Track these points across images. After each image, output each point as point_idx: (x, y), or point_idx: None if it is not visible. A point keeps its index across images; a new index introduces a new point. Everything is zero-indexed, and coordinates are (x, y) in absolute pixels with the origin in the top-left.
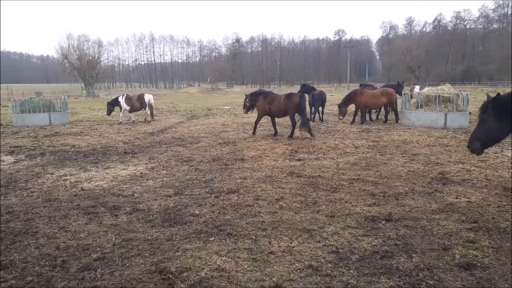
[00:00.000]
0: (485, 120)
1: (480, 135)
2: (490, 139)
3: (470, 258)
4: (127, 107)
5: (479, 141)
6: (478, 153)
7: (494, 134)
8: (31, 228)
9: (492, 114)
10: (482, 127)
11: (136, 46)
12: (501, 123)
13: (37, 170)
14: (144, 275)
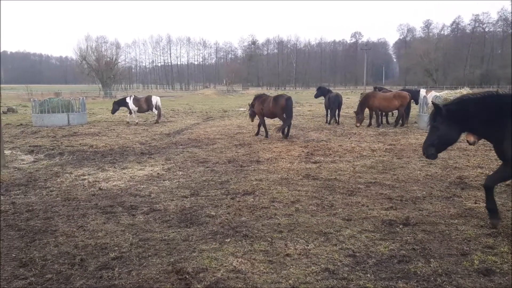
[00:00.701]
0: (437, 127)
1: (433, 142)
2: (443, 144)
3: (489, 264)
4: (135, 108)
5: (433, 147)
6: (433, 158)
7: (446, 139)
8: (51, 226)
9: (442, 121)
10: (435, 134)
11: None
12: (451, 129)
13: (56, 170)
14: (161, 275)
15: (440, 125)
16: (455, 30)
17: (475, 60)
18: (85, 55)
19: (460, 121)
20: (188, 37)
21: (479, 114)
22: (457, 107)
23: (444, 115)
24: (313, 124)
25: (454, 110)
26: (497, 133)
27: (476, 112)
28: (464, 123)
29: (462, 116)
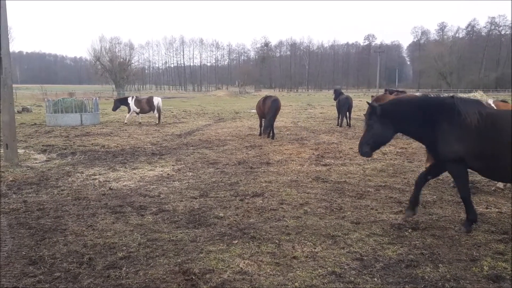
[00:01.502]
0: (371, 126)
1: (368, 140)
2: (377, 143)
3: (499, 270)
4: (136, 109)
5: (368, 145)
6: (367, 156)
7: (380, 138)
8: (60, 225)
9: (377, 120)
10: (370, 133)
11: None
12: (385, 128)
13: (68, 169)
14: (168, 275)
15: (375, 124)
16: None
17: (491, 63)
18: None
19: (394, 121)
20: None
21: (412, 116)
22: (391, 107)
23: (379, 115)
24: (324, 126)
25: (389, 110)
26: (429, 134)
27: (409, 114)
28: (397, 124)
29: (396, 116)
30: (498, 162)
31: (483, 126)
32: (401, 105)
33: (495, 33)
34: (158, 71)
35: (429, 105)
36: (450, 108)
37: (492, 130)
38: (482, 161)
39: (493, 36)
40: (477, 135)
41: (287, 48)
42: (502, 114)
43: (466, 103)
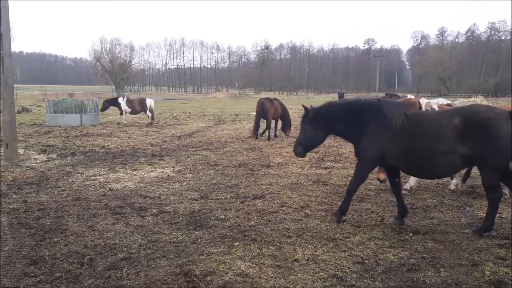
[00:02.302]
0: (304, 128)
1: (302, 141)
2: (310, 144)
3: (501, 275)
4: (128, 109)
5: (301, 146)
6: (301, 156)
7: (312, 139)
8: (61, 225)
9: (309, 123)
10: (303, 134)
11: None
12: (317, 131)
13: (68, 169)
14: (168, 276)
15: (307, 126)
16: (470, 38)
17: (490, 68)
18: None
19: (325, 124)
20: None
21: (343, 118)
22: (323, 111)
23: (311, 117)
24: None
25: (320, 113)
26: (356, 135)
27: (339, 116)
28: (328, 126)
29: (327, 119)
30: (422, 160)
31: (408, 127)
32: (332, 108)
33: (495, 39)
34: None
35: (358, 108)
36: (377, 111)
37: (417, 130)
38: (407, 159)
39: (493, 41)
40: (402, 135)
41: (287, 51)
42: (426, 115)
43: (391, 105)
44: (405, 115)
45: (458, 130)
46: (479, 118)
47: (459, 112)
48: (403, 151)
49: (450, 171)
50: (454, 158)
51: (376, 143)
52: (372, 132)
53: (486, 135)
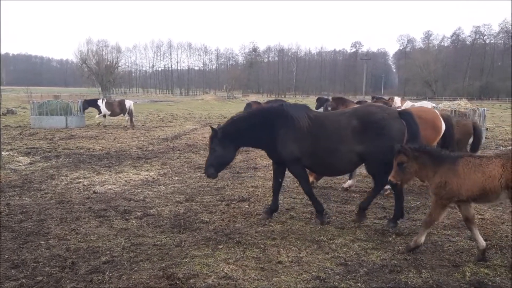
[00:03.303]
0: (214, 149)
1: (212, 162)
2: (221, 164)
3: (481, 276)
4: (107, 111)
5: (212, 167)
6: (213, 177)
7: (224, 159)
8: (43, 229)
9: (219, 143)
10: (213, 155)
11: (154, 52)
12: (227, 149)
13: (52, 172)
14: (151, 280)
15: (217, 147)
16: (455, 42)
17: (475, 72)
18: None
19: (235, 139)
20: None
21: (251, 130)
22: (230, 127)
23: (220, 137)
24: None
25: (228, 130)
26: (269, 141)
27: (247, 129)
28: (238, 140)
29: (236, 134)
30: (326, 159)
31: (313, 127)
32: (238, 123)
33: (479, 42)
34: (145, 74)
35: (265, 116)
36: (283, 115)
37: (319, 130)
38: (315, 159)
39: (478, 45)
40: (308, 136)
41: (275, 54)
42: (328, 116)
43: (295, 108)
44: (309, 117)
45: (356, 130)
46: (374, 118)
47: (356, 114)
48: (310, 151)
49: (350, 168)
50: (353, 156)
51: (290, 143)
52: (284, 134)
53: (380, 134)
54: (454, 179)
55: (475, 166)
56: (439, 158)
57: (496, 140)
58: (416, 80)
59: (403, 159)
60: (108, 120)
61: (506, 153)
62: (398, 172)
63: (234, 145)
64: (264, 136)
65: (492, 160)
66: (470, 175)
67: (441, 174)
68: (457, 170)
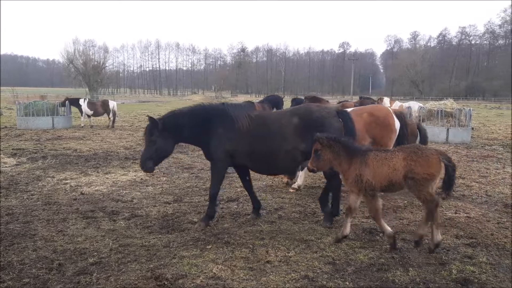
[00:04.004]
0: (154, 141)
1: (151, 155)
2: (161, 157)
3: (467, 273)
4: (89, 111)
5: (151, 161)
6: (151, 171)
7: (164, 152)
8: (30, 230)
9: (159, 135)
10: (153, 147)
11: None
12: (167, 141)
13: (38, 173)
14: (139, 281)
15: (157, 138)
16: (441, 42)
17: (461, 72)
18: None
19: (174, 133)
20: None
21: (191, 125)
22: (170, 120)
23: (161, 129)
24: None
25: (168, 123)
26: (204, 139)
27: (188, 124)
28: (177, 135)
29: (175, 128)
30: (268, 158)
31: (253, 127)
32: (179, 117)
33: (465, 43)
34: (133, 74)
35: (205, 114)
36: (222, 114)
37: (261, 131)
38: (257, 158)
39: (464, 45)
40: (248, 136)
41: (263, 54)
42: (269, 116)
43: (236, 108)
44: (250, 117)
45: (298, 129)
46: (314, 117)
47: (297, 113)
48: (250, 150)
49: (292, 167)
50: (296, 154)
51: (224, 144)
52: (220, 134)
53: (320, 132)
54: (367, 171)
55: (382, 159)
56: (353, 150)
57: (482, 140)
58: (403, 80)
59: (318, 147)
60: (96, 121)
61: (408, 147)
62: (314, 159)
63: (174, 138)
64: (201, 134)
65: (395, 154)
66: (379, 167)
67: (355, 167)
68: (368, 163)
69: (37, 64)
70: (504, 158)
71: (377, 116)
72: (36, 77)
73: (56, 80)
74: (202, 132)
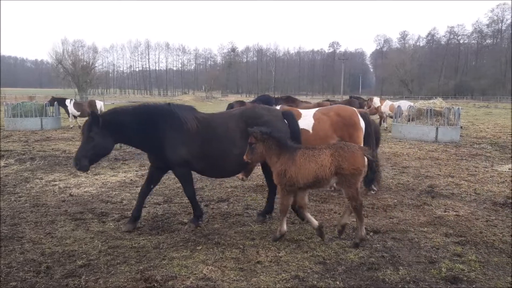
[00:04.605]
0: (92, 138)
1: (87, 152)
2: (98, 155)
3: (457, 271)
4: (76, 112)
5: (86, 159)
6: (85, 170)
7: (103, 150)
8: (17, 233)
9: (98, 131)
10: (90, 144)
11: (131, 52)
12: (106, 139)
13: (26, 175)
14: (129, 283)
15: (95, 135)
16: (430, 42)
17: (450, 71)
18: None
19: (115, 132)
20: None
21: (134, 125)
22: (112, 117)
23: (101, 125)
24: None
25: (110, 120)
26: (153, 142)
27: (129, 123)
28: (118, 134)
29: (116, 127)
30: (219, 161)
31: (201, 129)
32: (122, 115)
33: (454, 42)
34: (123, 75)
35: (149, 115)
36: (170, 116)
37: (208, 132)
38: (204, 161)
39: (452, 45)
40: (197, 138)
41: (253, 54)
42: (216, 118)
43: (182, 109)
44: (197, 119)
45: (245, 132)
46: (260, 120)
47: (244, 115)
48: (199, 154)
49: (240, 170)
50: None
51: (180, 146)
52: (173, 136)
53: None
54: (293, 168)
55: (309, 156)
56: (284, 147)
57: (470, 138)
58: (393, 79)
59: (253, 140)
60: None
61: (335, 144)
62: (249, 152)
63: (114, 137)
64: (147, 136)
65: (323, 151)
66: (306, 164)
67: (282, 162)
68: (295, 159)
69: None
70: (493, 157)
71: (343, 116)
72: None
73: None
74: (148, 134)
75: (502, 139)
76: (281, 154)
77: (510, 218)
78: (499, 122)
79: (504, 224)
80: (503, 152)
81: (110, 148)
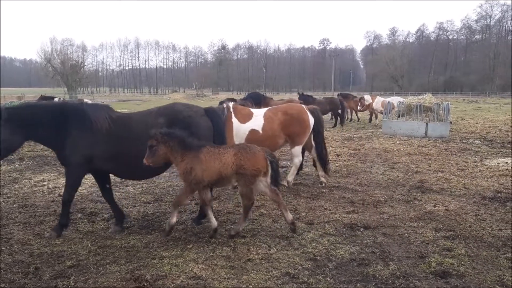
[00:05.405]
0: None
1: None
2: (6, 150)
3: (446, 266)
4: None
5: None
6: None
7: (10, 144)
8: (5, 234)
9: (4, 124)
10: None
11: (121, 51)
12: (14, 134)
13: (15, 175)
14: (118, 282)
15: (3, 129)
16: (420, 38)
17: (439, 67)
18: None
19: (21, 127)
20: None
21: (42, 122)
22: (18, 111)
23: (6, 118)
24: None
25: (16, 114)
26: (59, 140)
27: (39, 120)
28: (26, 129)
29: (23, 121)
30: (133, 161)
31: (115, 129)
32: (30, 110)
33: (443, 38)
34: (113, 73)
35: (60, 112)
36: (81, 115)
37: (124, 131)
38: (117, 162)
39: (441, 40)
40: (109, 138)
41: (244, 51)
42: (133, 116)
43: (95, 108)
44: (111, 118)
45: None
46: (181, 117)
47: (163, 113)
48: (112, 154)
49: (161, 170)
50: None
51: (81, 147)
52: (76, 136)
53: (188, 132)
54: (198, 165)
55: (214, 154)
56: (188, 145)
57: (460, 133)
58: (383, 75)
59: (153, 142)
60: None
61: (238, 145)
62: (149, 154)
63: (22, 133)
64: (53, 134)
65: (227, 150)
66: (210, 162)
67: (187, 160)
68: (200, 158)
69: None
70: (482, 151)
71: (291, 114)
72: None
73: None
74: (55, 132)
75: (491, 133)
76: (186, 153)
77: (499, 212)
78: (488, 117)
79: (493, 218)
80: (492, 147)
81: (16, 144)
